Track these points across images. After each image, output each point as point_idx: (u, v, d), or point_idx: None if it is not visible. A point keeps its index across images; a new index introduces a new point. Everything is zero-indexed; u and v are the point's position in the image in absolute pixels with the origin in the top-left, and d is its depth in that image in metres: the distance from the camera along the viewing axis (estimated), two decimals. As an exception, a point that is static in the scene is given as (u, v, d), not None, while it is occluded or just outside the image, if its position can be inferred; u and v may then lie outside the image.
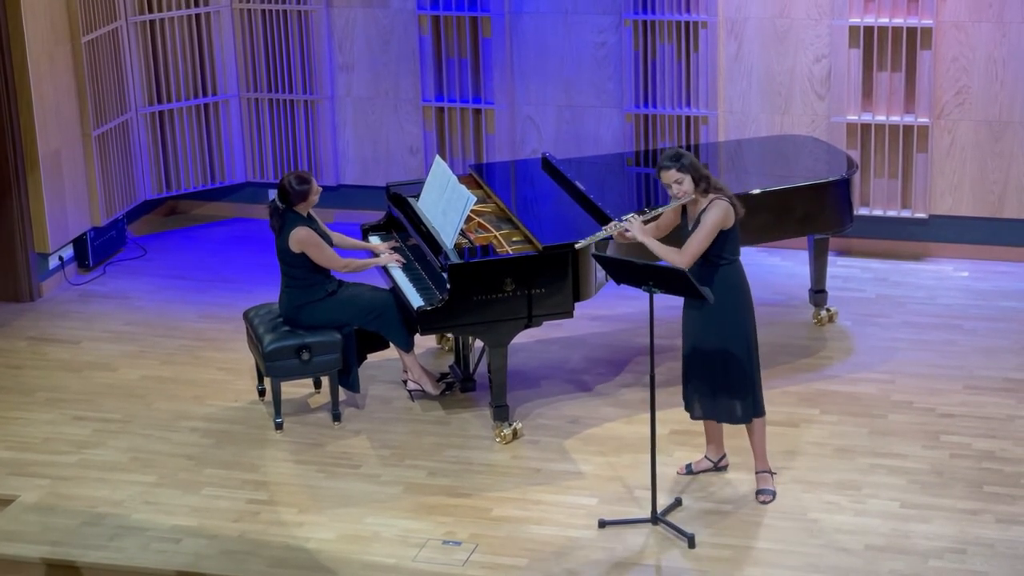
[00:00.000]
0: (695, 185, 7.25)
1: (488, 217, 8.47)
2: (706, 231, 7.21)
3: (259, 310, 8.52)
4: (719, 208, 7.22)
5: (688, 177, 7.24)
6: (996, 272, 10.09)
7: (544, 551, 7.17)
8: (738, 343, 7.32)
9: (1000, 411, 8.30)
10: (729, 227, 7.25)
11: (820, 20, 10.16)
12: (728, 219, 7.24)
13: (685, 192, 7.25)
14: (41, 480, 7.92)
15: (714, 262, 7.27)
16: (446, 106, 10.81)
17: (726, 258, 7.29)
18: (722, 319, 7.30)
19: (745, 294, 7.36)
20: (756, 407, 7.44)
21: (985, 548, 7.08)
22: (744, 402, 7.40)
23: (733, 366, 7.34)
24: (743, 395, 7.38)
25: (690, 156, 7.29)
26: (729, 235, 7.26)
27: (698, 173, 7.26)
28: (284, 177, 8.17)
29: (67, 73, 10.12)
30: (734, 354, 7.32)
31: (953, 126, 10.12)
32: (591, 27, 10.53)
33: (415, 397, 8.62)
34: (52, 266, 10.23)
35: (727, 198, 7.27)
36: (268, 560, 7.17)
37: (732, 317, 7.31)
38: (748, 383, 7.37)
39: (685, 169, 7.23)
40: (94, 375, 9.07)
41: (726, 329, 7.31)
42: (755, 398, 7.42)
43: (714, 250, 7.25)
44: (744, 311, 7.34)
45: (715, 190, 7.28)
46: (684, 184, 7.24)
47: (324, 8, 10.86)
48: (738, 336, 7.32)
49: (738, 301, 7.32)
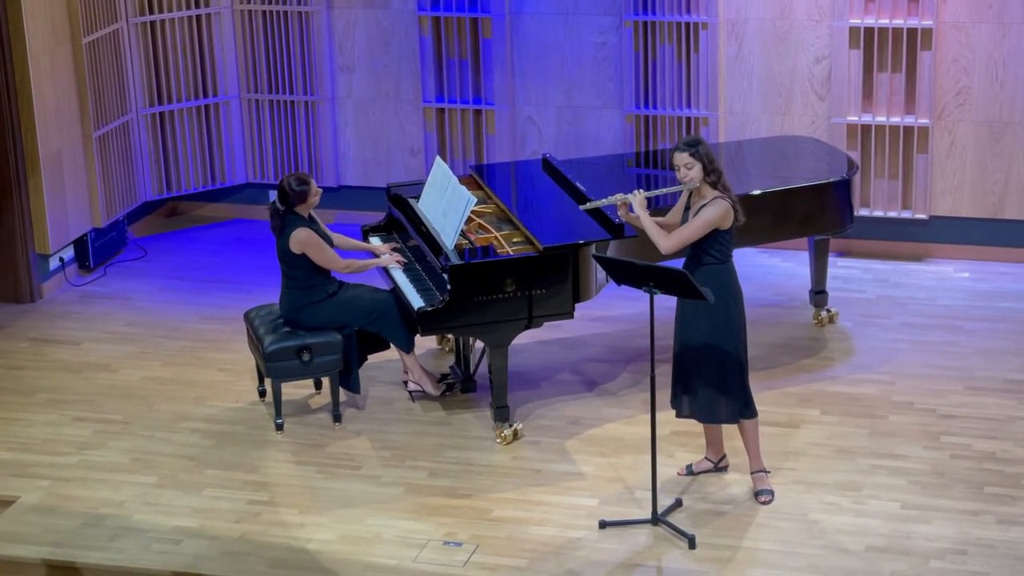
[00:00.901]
0: (704, 174, 7.25)
1: (488, 218, 8.47)
2: (700, 224, 7.21)
3: (260, 311, 8.52)
4: (719, 207, 7.22)
5: (699, 165, 7.23)
6: (997, 273, 10.09)
7: (545, 552, 7.17)
8: (726, 344, 7.31)
9: (1001, 412, 8.30)
10: (725, 228, 7.25)
11: (820, 21, 10.16)
12: (725, 220, 7.23)
13: (692, 179, 7.24)
14: (42, 481, 7.93)
15: (702, 260, 7.28)
16: (447, 107, 10.81)
17: (715, 257, 7.28)
18: (710, 319, 7.29)
19: (734, 295, 7.35)
20: (745, 408, 7.44)
21: (986, 549, 7.08)
22: (730, 403, 7.39)
23: (720, 366, 7.33)
24: (729, 395, 7.37)
25: (707, 146, 7.29)
26: (722, 236, 7.26)
27: (711, 164, 7.25)
28: (283, 178, 8.17)
29: (68, 74, 10.12)
30: (721, 355, 7.32)
31: (953, 127, 10.12)
32: (592, 28, 10.53)
33: (416, 398, 8.62)
34: (53, 267, 10.24)
35: (731, 200, 7.27)
36: (269, 561, 7.17)
37: (720, 318, 7.30)
38: (735, 384, 7.37)
39: (698, 156, 7.23)
40: (95, 376, 9.08)
41: (714, 329, 7.31)
42: (744, 399, 7.42)
43: (703, 247, 7.26)
44: (732, 312, 7.33)
45: (722, 188, 7.28)
46: (693, 171, 7.24)
47: (325, 9, 10.86)
48: (726, 337, 7.31)
49: (726, 302, 7.30)
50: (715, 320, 7.30)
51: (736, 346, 7.35)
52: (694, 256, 7.31)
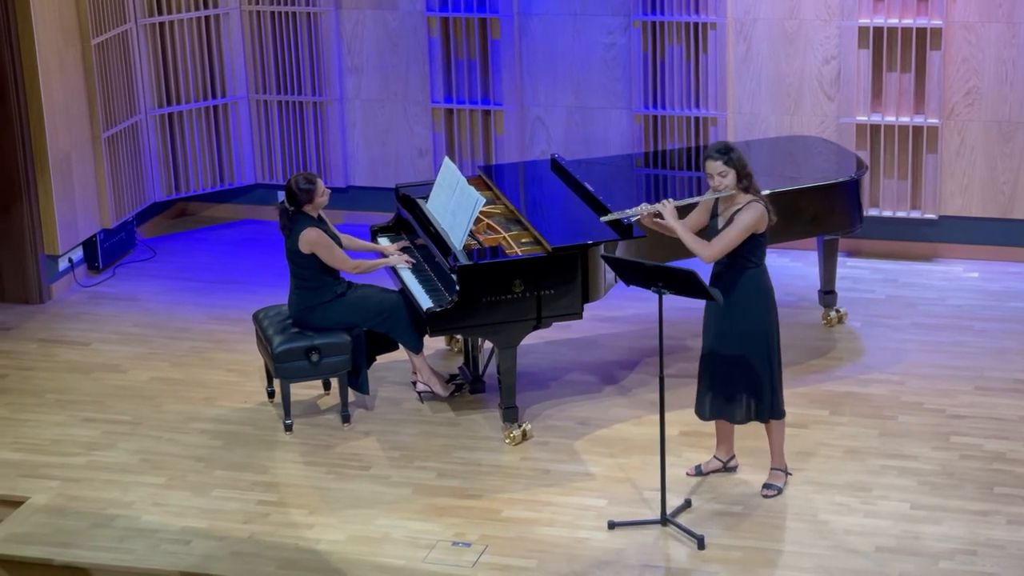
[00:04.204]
0: (737, 181, 7.23)
1: (497, 218, 8.47)
2: (738, 230, 7.18)
3: (268, 311, 8.52)
4: (755, 210, 7.19)
5: (733, 172, 7.21)
6: (1006, 273, 10.07)
7: (553, 552, 7.17)
8: (759, 346, 7.30)
9: (1011, 412, 8.29)
10: (761, 231, 7.23)
11: (829, 21, 10.15)
12: (761, 223, 7.21)
13: (726, 186, 7.23)
14: (51, 482, 7.93)
15: (741, 264, 7.26)
16: (455, 107, 10.81)
17: (753, 262, 7.26)
18: (745, 322, 7.28)
19: (770, 299, 7.34)
20: (774, 409, 7.43)
21: (996, 549, 7.06)
22: (759, 403, 7.38)
23: (751, 368, 7.32)
24: (759, 396, 7.37)
25: (739, 152, 7.25)
26: (758, 239, 7.24)
27: (744, 170, 7.23)
28: (290, 178, 8.18)
29: (77, 75, 10.13)
30: (754, 356, 7.31)
31: (963, 127, 10.11)
32: (600, 28, 10.53)
33: (424, 398, 8.62)
34: (62, 268, 10.25)
35: (763, 202, 7.25)
36: (278, 562, 7.17)
37: (755, 320, 7.28)
38: (766, 385, 7.35)
39: (732, 163, 7.20)
40: (104, 377, 9.08)
41: (748, 332, 7.29)
42: (773, 400, 7.41)
43: (742, 252, 7.23)
44: (768, 315, 7.32)
45: (754, 191, 7.26)
46: (727, 178, 7.21)
47: (333, 10, 10.87)
48: (759, 339, 7.30)
49: (762, 305, 7.29)
50: (750, 323, 7.28)
51: (770, 348, 7.34)
52: (731, 261, 7.28)
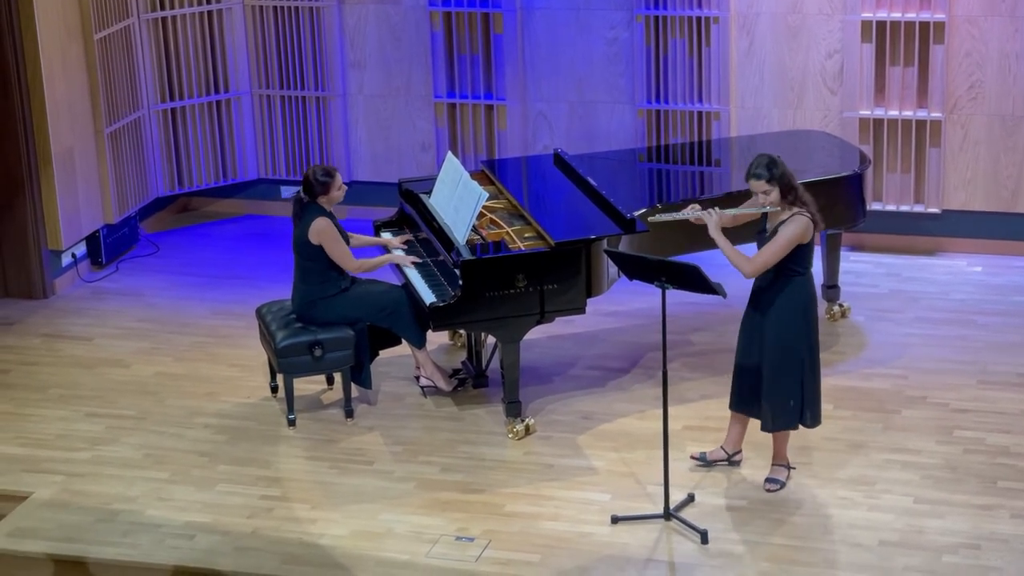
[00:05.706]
0: (782, 196, 7.21)
1: (500, 213, 8.47)
2: (781, 244, 7.16)
3: (272, 306, 8.53)
4: (799, 224, 7.17)
5: (777, 189, 7.20)
6: (1010, 267, 10.07)
7: (557, 547, 7.17)
8: (796, 353, 7.28)
9: (1014, 406, 8.28)
10: (806, 242, 7.22)
11: (832, 15, 10.14)
12: (807, 235, 7.19)
13: (771, 203, 7.21)
14: (55, 477, 7.94)
15: (787, 273, 7.25)
16: (458, 102, 10.81)
17: (798, 270, 7.25)
18: (785, 328, 7.27)
19: (812, 307, 7.33)
20: (812, 417, 7.42)
21: (999, 544, 7.06)
22: (787, 409, 7.35)
23: (786, 374, 7.30)
24: (792, 401, 7.34)
25: (783, 166, 7.21)
26: (805, 248, 7.23)
27: (788, 185, 7.20)
28: (309, 168, 8.19)
29: (80, 70, 10.13)
30: (790, 363, 7.29)
31: (966, 121, 10.10)
32: (603, 23, 10.52)
33: (427, 393, 8.62)
34: (65, 263, 10.25)
35: (809, 213, 7.23)
36: (282, 556, 7.18)
37: (796, 328, 7.27)
38: (801, 392, 7.34)
39: (775, 180, 7.18)
40: (107, 372, 9.09)
41: (787, 338, 7.27)
42: (803, 411, 7.39)
43: (787, 261, 7.22)
44: (809, 323, 7.31)
45: (800, 203, 7.23)
46: (771, 196, 7.20)
47: (336, 5, 10.86)
48: (798, 346, 7.28)
49: (806, 314, 7.29)
50: (791, 329, 7.27)
51: (812, 356, 7.33)
52: (777, 270, 7.26)
